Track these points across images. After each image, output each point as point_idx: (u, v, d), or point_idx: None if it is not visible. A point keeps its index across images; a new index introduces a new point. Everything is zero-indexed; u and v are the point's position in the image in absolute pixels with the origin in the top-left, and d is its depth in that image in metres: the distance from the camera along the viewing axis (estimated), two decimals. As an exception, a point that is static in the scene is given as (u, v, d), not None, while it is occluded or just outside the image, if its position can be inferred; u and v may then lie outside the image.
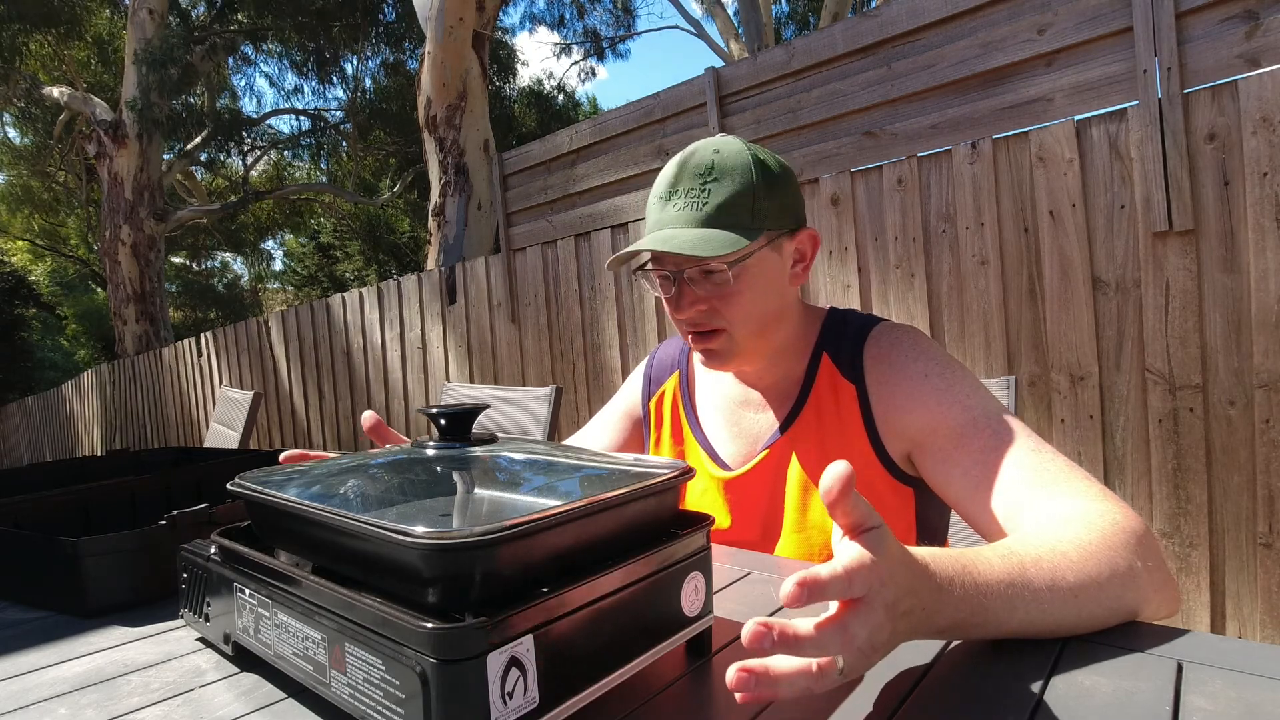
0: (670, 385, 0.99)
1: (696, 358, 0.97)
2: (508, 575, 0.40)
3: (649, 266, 0.83)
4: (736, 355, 0.82)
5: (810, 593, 0.38)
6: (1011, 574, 0.50)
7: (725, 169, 0.76)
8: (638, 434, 1.04)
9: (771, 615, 0.59)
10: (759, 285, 0.79)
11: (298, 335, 4.98)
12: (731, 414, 0.91)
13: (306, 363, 4.93)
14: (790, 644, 0.38)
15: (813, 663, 0.40)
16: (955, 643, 0.53)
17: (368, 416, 0.74)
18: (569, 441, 1.08)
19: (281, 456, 0.67)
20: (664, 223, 0.78)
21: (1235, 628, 1.72)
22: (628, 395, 1.05)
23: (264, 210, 15.88)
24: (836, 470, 0.41)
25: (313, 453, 0.70)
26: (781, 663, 0.40)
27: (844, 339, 0.84)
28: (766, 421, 0.87)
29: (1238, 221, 1.67)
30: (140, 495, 0.98)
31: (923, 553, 0.47)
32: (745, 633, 0.38)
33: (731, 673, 0.38)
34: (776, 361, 0.86)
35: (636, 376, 1.06)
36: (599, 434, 1.06)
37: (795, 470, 0.83)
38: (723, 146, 0.78)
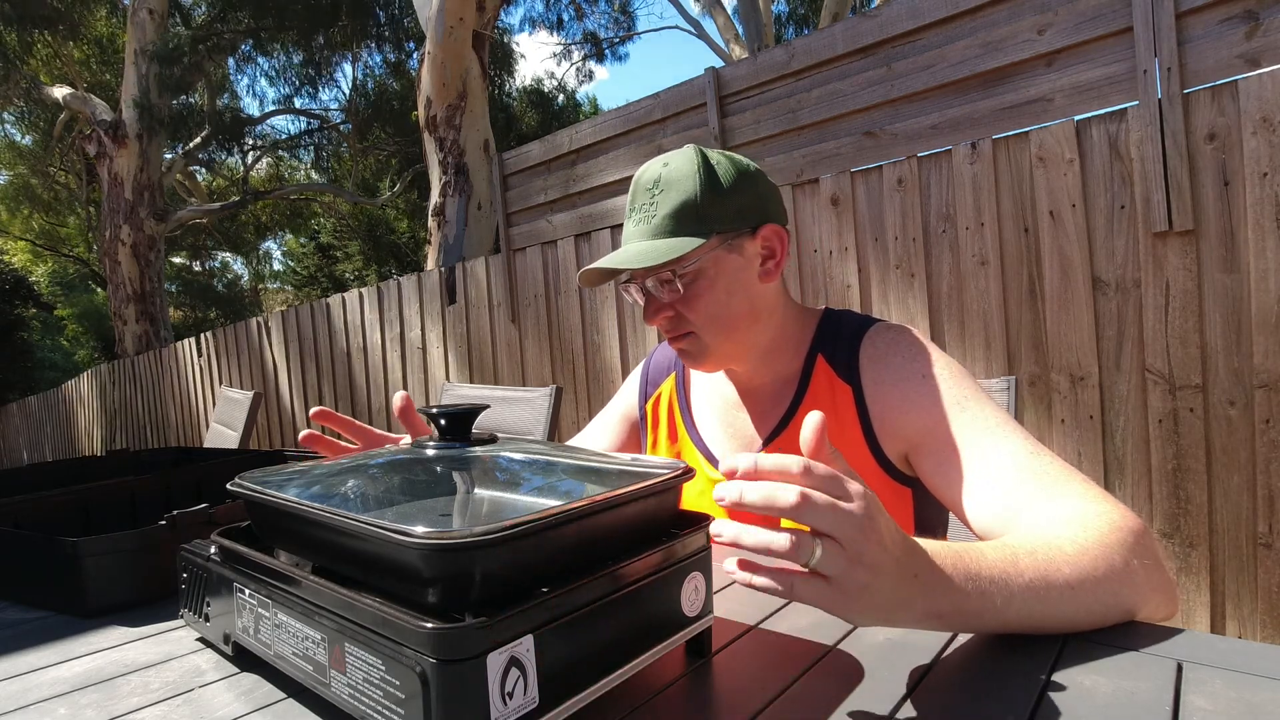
0: (667, 387, 1.00)
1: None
2: (508, 575, 0.40)
3: (628, 282, 0.85)
4: (709, 356, 0.83)
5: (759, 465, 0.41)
6: (1005, 563, 0.51)
7: (670, 180, 0.78)
8: (635, 436, 1.04)
9: (771, 615, 0.59)
10: (719, 285, 0.79)
11: (297, 335, 4.98)
12: (727, 415, 0.91)
13: (306, 363, 4.93)
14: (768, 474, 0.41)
15: (788, 534, 0.41)
16: (956, 642, 0.53)
17: (399, 397, 0.75)
18: (569, 444, 1.08)
19: (301, 436, 0.72)
20: (626, 239, 0.82)
21: (1235, 628, 1.72)
22: (625, 398, 1.06)
23: (264, 210, 15.88)
24: (812, 420, 0.42)
25: (342, 418, 0.75)
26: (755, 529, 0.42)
27: (840, 340, 0.84)
28: (761, 422, 0.87)
29: (1238, 221, 1.67)
30: (140, 495, 0.98)
31: (915, 539, 0.48)
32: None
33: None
34: (768, 362, 0.86)
35: (634, 379, 1.06)
36: (597, 437, 1.06)
37: None
38: (672, 159, 0.80)
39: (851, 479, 0.43)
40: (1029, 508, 0.64)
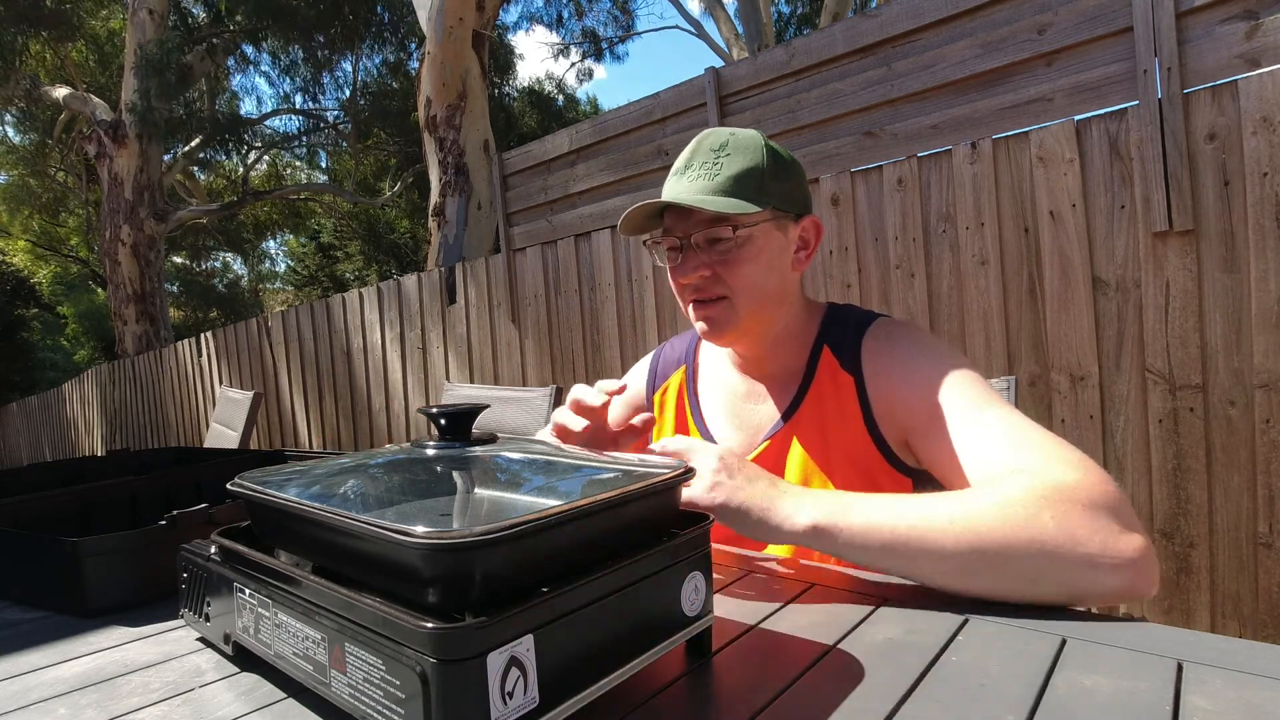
0: (675, 380, 1.01)
1: (701, 349, 1.00)
2: (508, 575, 0.40)
3: (659, 240, 0.86)
4: (736, 326, 0.84)
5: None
6: (883, 497, 0.64)
7: (739, 146, 0.82)
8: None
9: (771, 615, 0.59)
10: (762, 258, 0.82)
11: (297, 335, 4.98)
12: (734, 406, 0.93)
13: (306, 363, 4.93)
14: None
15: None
16: (956, 642, 0.53)
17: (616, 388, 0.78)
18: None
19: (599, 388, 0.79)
20: (677, 192, 0.82)
21: (1235, 628, 1.72)
22: (632, 388, 1.07)
23: (263, 210, 15.87)
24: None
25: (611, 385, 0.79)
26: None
27: (845, 332, 0.86)
28: (767, 412, 0.89)
29: (1238, 221, 1.67)
30: (140, 495, 0.98)
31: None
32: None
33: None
34: (777, 352, 0.88)
35: (642, 369, 1.07)
36: None
37: (796, 459, 0.84)
38: (738, 131, 0.84)
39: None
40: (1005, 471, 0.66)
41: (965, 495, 0.62)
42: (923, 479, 0.80)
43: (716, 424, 0.94)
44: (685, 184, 0.82)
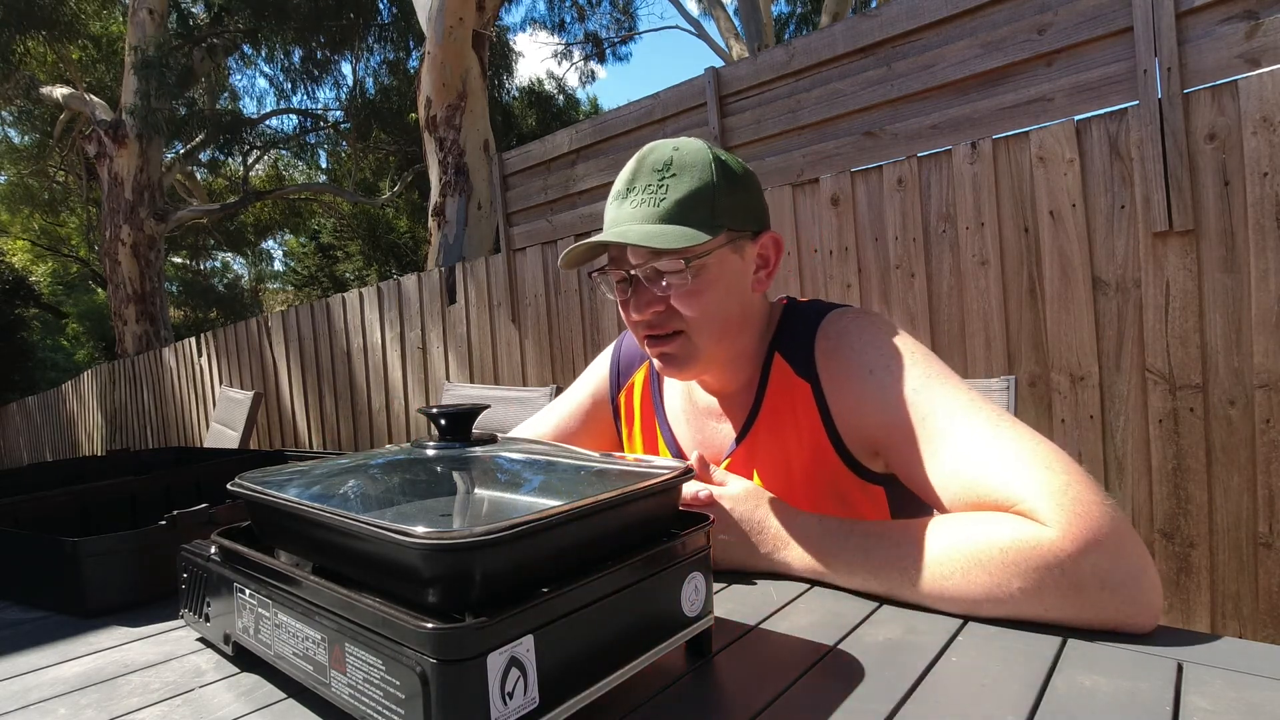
0: (639, 378, 0.96)
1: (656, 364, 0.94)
2: (508, 575, 0.40)
3: (606, 269, 0.79)
4: (696, 361, 0.78)
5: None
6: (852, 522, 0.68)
7: (684, 165, 0.74)
8: (602, 425, 1.00)
9: (771, 615, 0.59)
10: (719, 286, 0.75)
11: (297, 335, 4.98)
12: (696, 422, 0.89)
13: (306, 363, 4.93)
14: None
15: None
16: (956, 642, 0.53)
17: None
18: (526, 423, 1.06)
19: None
20: (619, 220, 0.75)
21: (1235, 628, 1.72)
22: (595, 383, 1.01)
23: (263, 210, 15.87)
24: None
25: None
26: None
27: (797, 335, 0.80)
28: (727, 431, 0.85)
29: (1238, 221, 1.67)
30: (140, 495, 0.98)
31: (786, 513, 0.71)
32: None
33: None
34: (738, 368, 0.83)
35: (603, 366, 1.01)
36: (565, 420, 1.01)
37: (757, 478, 0.80)
38: (682, 144, 0.76)
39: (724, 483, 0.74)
40: (986, 497, 0.61)
41: (932, 548, 0.59)
42: (893, 485, 0.76)
43: (681, 435, 0.90)
44: (628, 210, 0.74)
